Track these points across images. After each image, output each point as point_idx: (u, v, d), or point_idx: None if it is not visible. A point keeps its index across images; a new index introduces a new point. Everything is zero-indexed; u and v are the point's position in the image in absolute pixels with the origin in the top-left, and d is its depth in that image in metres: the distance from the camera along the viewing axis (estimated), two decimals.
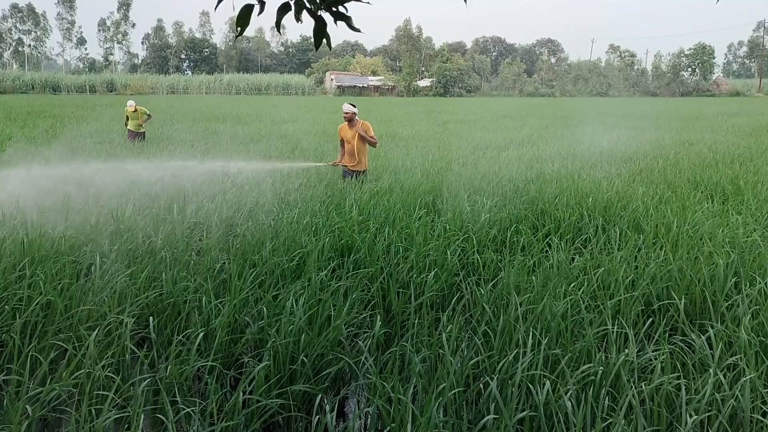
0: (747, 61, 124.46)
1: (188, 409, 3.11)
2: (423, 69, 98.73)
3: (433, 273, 4.80)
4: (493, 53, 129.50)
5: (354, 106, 8.58)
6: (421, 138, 17.69)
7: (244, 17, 2.30)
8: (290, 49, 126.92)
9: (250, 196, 7.47)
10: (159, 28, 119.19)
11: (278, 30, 2.43)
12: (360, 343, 3.84)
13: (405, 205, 7.00)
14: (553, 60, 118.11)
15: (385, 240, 5.55)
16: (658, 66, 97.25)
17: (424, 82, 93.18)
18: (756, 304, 4.18)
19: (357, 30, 2.33)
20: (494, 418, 2.90)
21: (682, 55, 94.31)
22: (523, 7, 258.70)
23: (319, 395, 3.23)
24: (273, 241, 5.40)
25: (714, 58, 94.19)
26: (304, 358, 3.46)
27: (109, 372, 3.38)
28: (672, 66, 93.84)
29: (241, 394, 3.11)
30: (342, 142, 8.79)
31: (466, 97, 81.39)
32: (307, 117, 28.51)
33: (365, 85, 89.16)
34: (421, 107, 43.40)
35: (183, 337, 3.80)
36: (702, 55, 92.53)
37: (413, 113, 33.47)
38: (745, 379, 3.07)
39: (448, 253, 5.31)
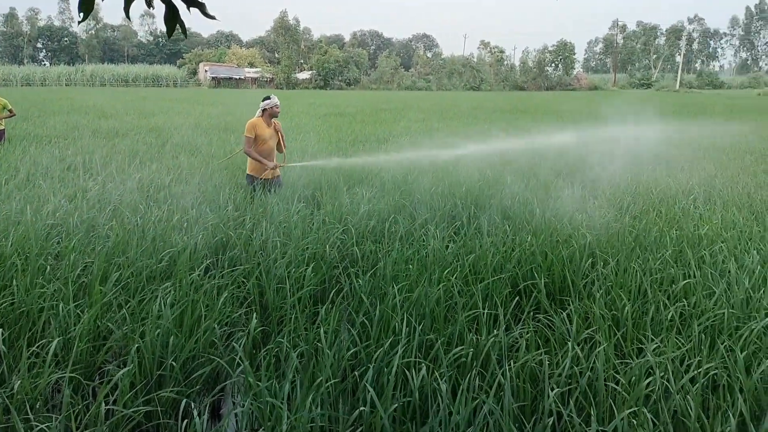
0: (603, 57, 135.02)
1: (42, 426, 2.86)
2: (302, 61, 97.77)
3: (311, 266, 4.76)
4: (371, 47, 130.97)
5: None
6: (301, 131, 17.51)
7: (87, 1, 2.12)
8: (160, 39, 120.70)
9: (114, 194, 7.02)
10: (11, 15, 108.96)
11: (127, 16, 2.27)
12: (235, 343, 3.73)
13: (283, 199, 6.89)
14: (428, 54, 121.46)
15: (262, 235, 5.43)
16: (525, 61, 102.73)
17: (304, 75, 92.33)
18: (608, 282, 4.54)
19: (211, 17, 2.22)
20: (371, 409, 2.92)
21: (546, 51, 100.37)
22: (399, 2, 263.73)
23: (184, 399, 3.09)
24: (140, 241, 5.10)
25: (575, 54, 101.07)
26: (173, 362, 3.30)
27: None
28: (537, 62, 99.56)
29: (103, 403, 2.91)
30: (252, 140, 7.13)
31: (346, 90, 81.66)
32: (179, 109, 27.29)
33: (242, 77, 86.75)
34: (300, 99, 43.00)
35: (38, 347, 3.50)
36: (564, 51, 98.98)
37: (292, 105, 33.06)
38: (598, 350, 3.32)
39: (327, 246, 5.30)
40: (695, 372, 3.23)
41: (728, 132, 17.95)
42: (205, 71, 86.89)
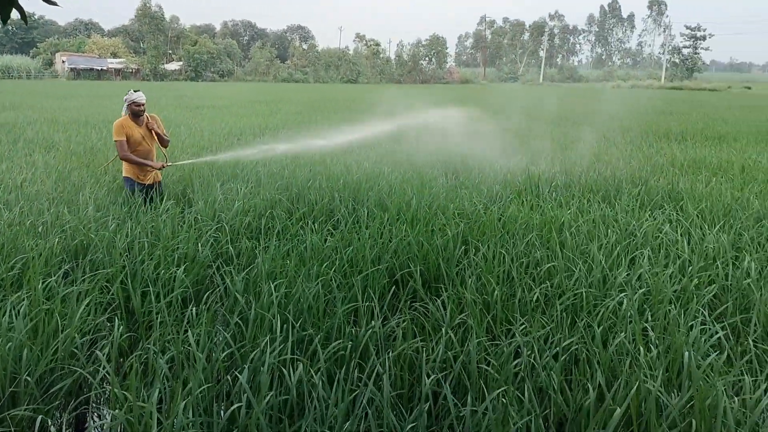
0: (473, 52, 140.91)
1: None
2: (170, 51, 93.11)
3: (183, 267, 4.56)
4: (245, 37, 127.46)
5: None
6: (171, 124, 16.70)
7: None
8: (10, 27, 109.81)
9: None
10: None
11: None
12: (99, 351, 3.48)
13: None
14: (304, 46, 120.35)
15: (127, 236, 5.12)
16: (400, 55, 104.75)
17: (173, 66, 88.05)
18: (479, 268, 4.74)
19: (53, 3, 2.03)
20: (246, 410, 2.84)
21: (420, 45, 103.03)
22: None
23: (40, 417, 2.85)
24: None
25: (447, 48, 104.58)
26: (27, 377, 3.02)
27: None
28: (412, 55, 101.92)
29: None
30: (124, 143, 6.31)
31: (219, 82, 78.98)
32: (33, 103, 25.07)
33: (104, 68, 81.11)
34: (170, 92, 41.02)
35: None
36: (436, 45, 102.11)
37: (161, 98, 31.46)
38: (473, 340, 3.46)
39: (199, 244, 5.10)
40: (558, 349, 3.46)
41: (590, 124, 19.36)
42: (63, 62, 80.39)
